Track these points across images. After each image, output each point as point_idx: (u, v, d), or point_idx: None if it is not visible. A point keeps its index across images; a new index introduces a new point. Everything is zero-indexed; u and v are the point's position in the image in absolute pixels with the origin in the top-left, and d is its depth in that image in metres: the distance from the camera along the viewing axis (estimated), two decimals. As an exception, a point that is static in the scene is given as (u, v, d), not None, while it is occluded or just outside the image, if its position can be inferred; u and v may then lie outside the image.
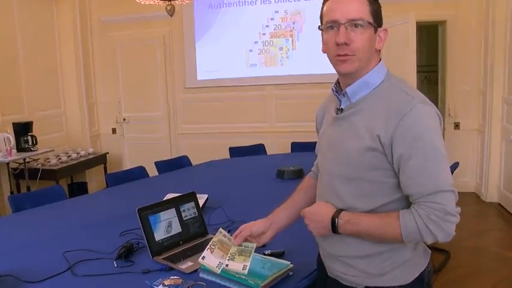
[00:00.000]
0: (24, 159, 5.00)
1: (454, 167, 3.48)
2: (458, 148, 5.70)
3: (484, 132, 5.42)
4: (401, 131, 1.23)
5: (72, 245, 2.06)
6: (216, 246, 1.54)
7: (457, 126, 5.78)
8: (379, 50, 1.39)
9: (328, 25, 1.32)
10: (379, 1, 1.38)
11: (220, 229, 1.61)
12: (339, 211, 1.35)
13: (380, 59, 1.39)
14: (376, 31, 1.34)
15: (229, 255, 1.53)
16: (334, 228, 1.34)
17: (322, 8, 1.37)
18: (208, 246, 1.55)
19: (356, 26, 1.29)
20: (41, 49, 5.82)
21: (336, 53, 1.32)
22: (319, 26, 1.37)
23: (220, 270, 1.51)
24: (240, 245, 1.55)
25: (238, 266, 1.50)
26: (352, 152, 1.32)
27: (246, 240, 1.55)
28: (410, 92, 1.29)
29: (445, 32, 5.74)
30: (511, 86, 4.92)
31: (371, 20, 1.31)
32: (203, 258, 1.53)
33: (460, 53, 5.63)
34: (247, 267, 1.49)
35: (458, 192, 1.24)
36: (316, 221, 1.39)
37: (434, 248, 3.66)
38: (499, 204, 5.23)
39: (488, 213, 5.06)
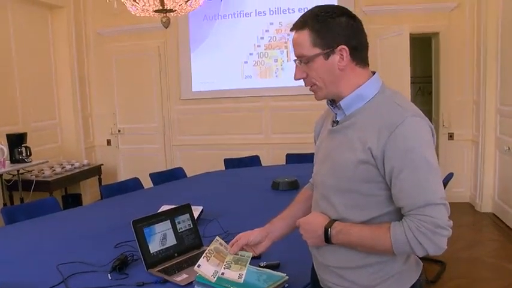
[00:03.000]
0: (18, 171, 4.97)
1: (448, 177, 3.50)
2: (453, 159, 5.72)
3: (478, 142, 5.45)
4: (393, 144, 1.23)
5: (66, 258, 2.04)
6: (212, 255, 1.54)
7: (451, 136, 5.81)
8: (366, 65, 1.38)
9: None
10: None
11: (217, 237, 1.61)
12: (332, 221, 1.36)
13: (374, 72, 1.40)
14: (329, 55, 1.32)
15: (225, 263, 1.52)
16: (327, 239, 1.35)
17: None
18: (204, 254, 1.54)
19: (303, 62, 1.35)
20: (36, 60, 5.82)
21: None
22: (294, 60, 1.44)
23: (215, 279, 1.50)
24: (236, 254, 1.55)
25: (234, 274, 1.49)
26: (346, 164, 1.32)
27: (242, 249, 1.55)
28: (402, 105, 1.30)
29: (439, 44, 5.80)
30: (503, 97, 4.96)
31: (313, 53, 1.32)
32: (199, 266, 1.52)
33: (454, 64, 5.68)
34: (243, 276, 1.48)
35: (453, 203, 1.24)
36: (310, 231, 1.40)
37: (430, 259, 3.68)
38: (493, 214, 5.24)
39: (482, 223, 5.08)
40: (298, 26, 1.34)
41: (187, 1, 3.92)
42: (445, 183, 3.35)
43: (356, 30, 1.33)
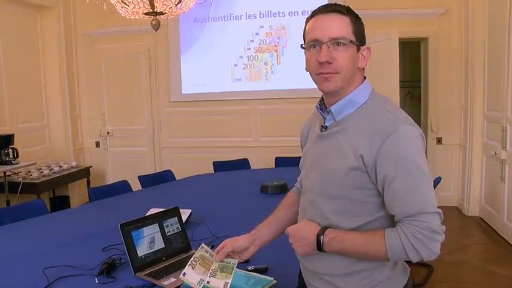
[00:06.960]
0: (5, 173, 4.91)
1: (436, 181, 3.52)
2: (441, 163, 5.77)
3: (466, 147, 5.50)
4: (386, 152, 1.23)
5: (53, 261, 2.02)
6: (198, 262, 1.52)
7: (439, 141, 5.85)
8: (363, 69, 1.39)
9: (310, 43, 1.33)
10: (363, 19, 1.40)
11: (202, 244, 1.60)
12: (324, 229, 1.34)
13: (365, 78, 1.40)
14: (358, 50, 1.34)
15: (210, 271, 1.50)
16: (319, 246, 1.33)
17: (305, 27, 1.37)
18: (189, 262, 1.52)
19: (338, 44, 1.29)
20: (24, 61, 5.76)
21: (318, 71, 1.32)
22: (301, 45, 1.38)
23: (201, 287, 1.49)
24: (221, 261, 1.53)
25: (219, 283, 1.48)
26: (336, 170, 1.31)
27: (228, 255, 1.54)
28: (394, 112, 1.30)
29: (427, 49, 5.85)
30: (490, 102, 5.01)
31: (353, 39, 1.31)
32: (184, 274, 1.50)
33: (442, 69, 5.73)
34: (229, 285, 1.47)
35: (441, 207, 1.25)
36: (301, 239, 1.38)
37: (418, 263, 3.69)
38: (480, 218, 5.29)
39: (470, 227, 5.12)
40: (339, 11, 1.32)
41: (177, 4, 3.91)
42: (434, 186, 3.37)
43: None
